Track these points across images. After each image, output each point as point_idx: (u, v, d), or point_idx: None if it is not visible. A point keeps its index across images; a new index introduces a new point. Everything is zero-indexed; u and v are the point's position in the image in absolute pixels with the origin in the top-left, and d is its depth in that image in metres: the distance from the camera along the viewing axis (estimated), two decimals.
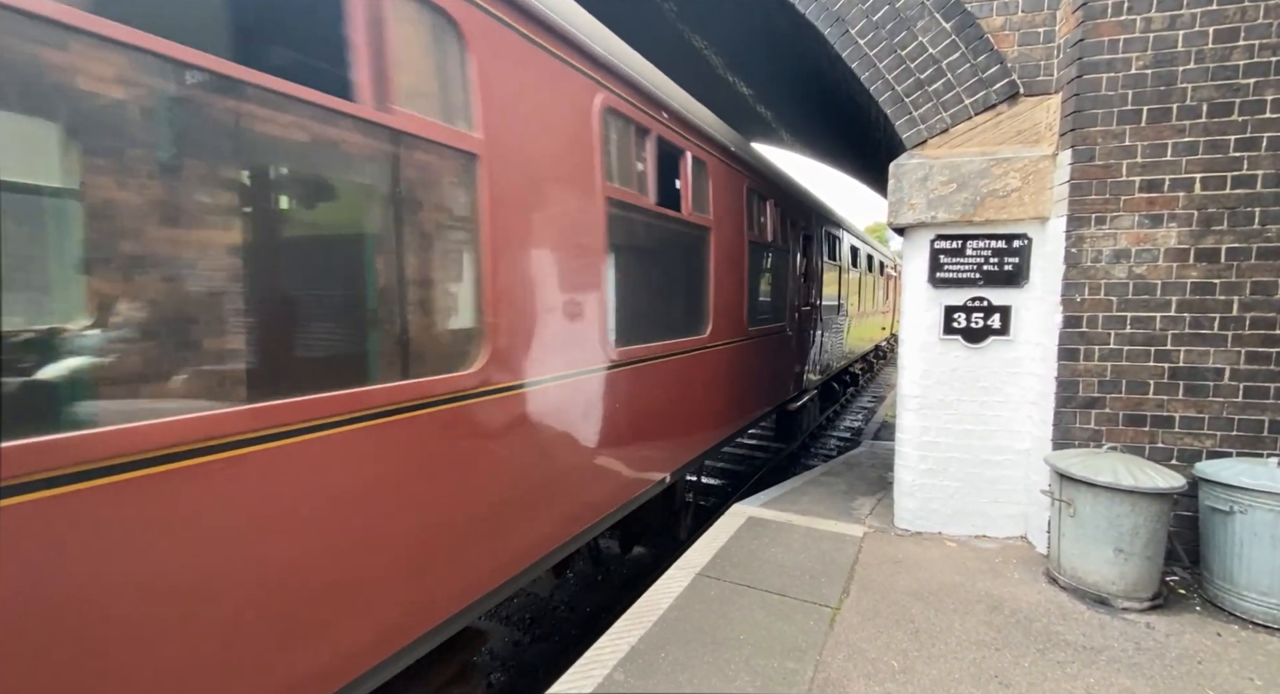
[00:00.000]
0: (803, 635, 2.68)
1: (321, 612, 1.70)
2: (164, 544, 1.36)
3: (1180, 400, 3.23)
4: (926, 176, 3.61)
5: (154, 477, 1.33)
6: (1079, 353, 3.36)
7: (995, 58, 3.49)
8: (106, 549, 1.27)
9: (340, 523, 1.74)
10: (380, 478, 1.86)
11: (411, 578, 1.98)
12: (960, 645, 2.62)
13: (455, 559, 2.15)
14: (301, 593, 1.64)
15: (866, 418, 11.16)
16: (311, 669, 1.68)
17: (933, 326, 3.76)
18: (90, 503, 1.24)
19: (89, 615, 1.25)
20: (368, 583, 1.83)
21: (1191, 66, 3.09)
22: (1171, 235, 3.18)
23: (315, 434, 1.65)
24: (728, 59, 7.47)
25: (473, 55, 2.14)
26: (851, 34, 3.69)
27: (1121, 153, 3.21)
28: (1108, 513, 2.91)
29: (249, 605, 1.53)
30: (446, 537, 2.11)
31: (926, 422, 3.82)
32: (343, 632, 1.76)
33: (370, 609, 1.84)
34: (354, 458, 1.77)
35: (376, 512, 1.85)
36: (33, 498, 1.16)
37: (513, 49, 2.35)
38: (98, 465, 1.24)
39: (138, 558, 1.32)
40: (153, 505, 1.33)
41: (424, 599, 2.03)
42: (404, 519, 1.94)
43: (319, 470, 1.67)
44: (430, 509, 2.04)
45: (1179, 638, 2.68)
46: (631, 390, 3.26)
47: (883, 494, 4.63)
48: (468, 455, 2.20)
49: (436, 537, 2.07)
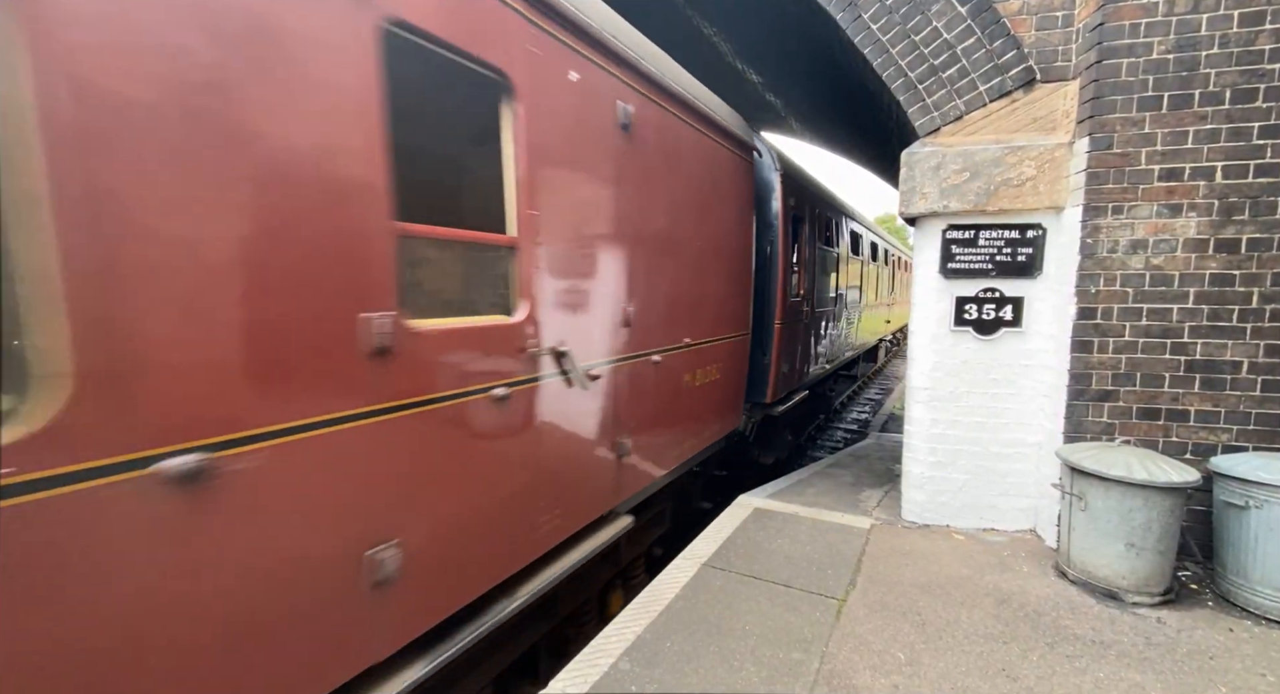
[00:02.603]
0: (809, 627, 2.68)
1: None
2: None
3: (1196, 394, 3.18)
4: (939, 165, 3.55)
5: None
6: (1093, 345, 3.30)
7: (1012, 43, 3.41)
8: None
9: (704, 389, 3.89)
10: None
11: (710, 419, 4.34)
12: (968, 638, 2.60)
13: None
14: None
15: (874, 410, 11.11)
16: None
17: (943, 318, 3.72)
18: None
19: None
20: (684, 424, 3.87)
21: (1215, 51, 3.00)
22: (1191, 225, 3.11)
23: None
24: (736, 46, 7.36)
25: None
26: (864, 19, 3.61)
27: (1141, 140, 3.14)
28: (1120, 507, 2.88)
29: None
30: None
31: (936, 414, 3.78)
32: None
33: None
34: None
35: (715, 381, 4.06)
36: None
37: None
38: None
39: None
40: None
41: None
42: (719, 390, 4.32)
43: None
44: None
45: (1190, 633, 2.65)
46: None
47: (890, 487, 4.61)
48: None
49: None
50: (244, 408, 1.46)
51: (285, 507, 1.57)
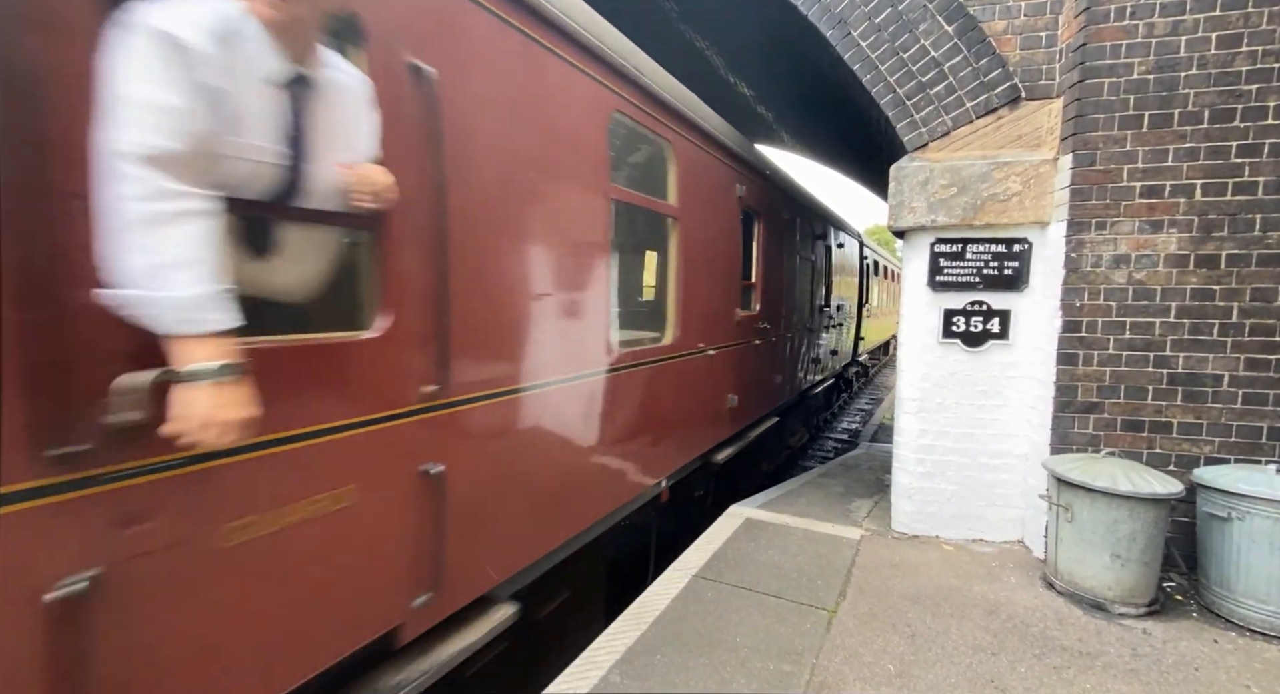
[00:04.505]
0: (799, 638, 2.68)
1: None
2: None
3: (1179, 406, 3.23)
4: (927, 180, 3.60)
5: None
6: (1078, 358, 3.35)
7: (997, 61, 3.49)
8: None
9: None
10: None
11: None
12: (957, 649, 2.61)
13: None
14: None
15: (864, 420, 11.17)
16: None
17: (932, 330, 3.76)
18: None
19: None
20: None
21: (1194, 72, 3.08)
22: (1172, 241, 3.18)
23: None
24: (728, 59, 7.46)
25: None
26: (854, 36, 3.68)
27: (1123, 158, 3.21)
28: (1105, 518, 2.91)
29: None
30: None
31: (925, 424, 3.81)
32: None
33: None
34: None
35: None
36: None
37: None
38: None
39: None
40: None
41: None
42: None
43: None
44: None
45: (1176, 644, 2.68)
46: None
47: (880, 497, 4.63)
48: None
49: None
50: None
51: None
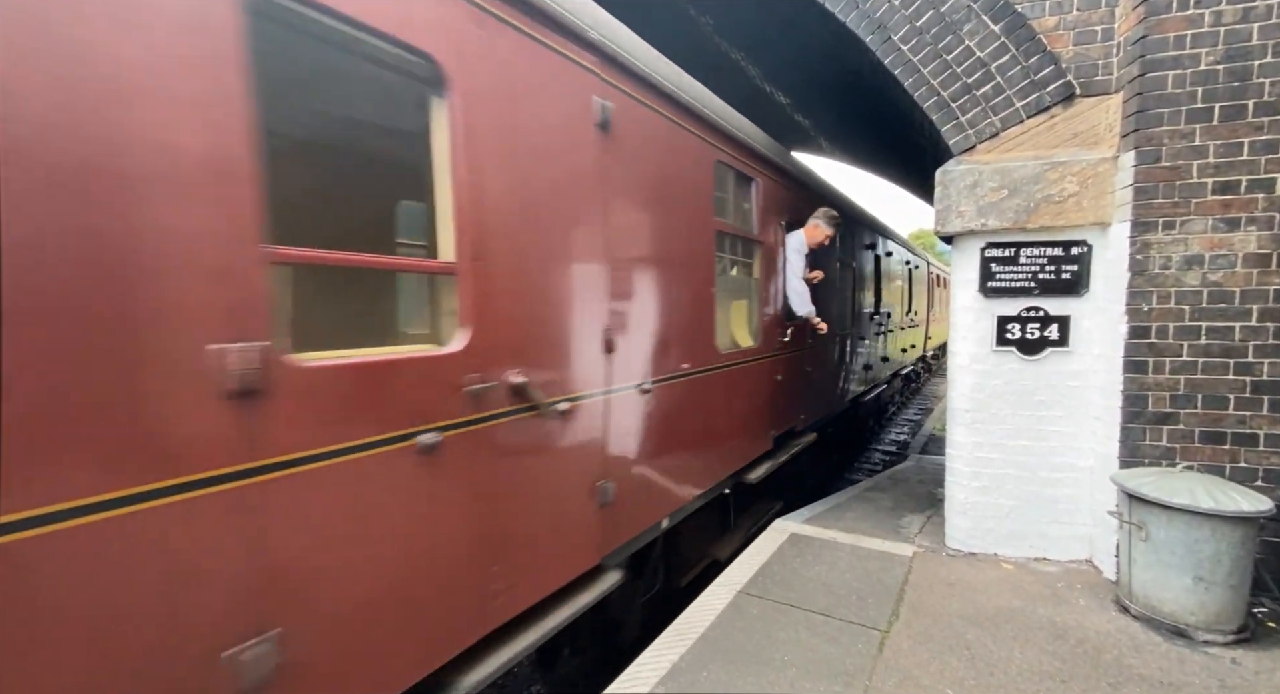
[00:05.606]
0: (850, 658, 2.59)
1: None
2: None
3: (1265, 416, 2.99)
4: (975, 183, 3.49)
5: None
6: (1147, 365, 3.16)
7: (1049, 59, 3.36)
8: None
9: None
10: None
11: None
12: (1021, 675, 2.47)
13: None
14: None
15: (913, 431, 10.79)
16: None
17: (984, 338, 3.61)
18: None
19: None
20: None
21: (1269, 60, 2.89)
22: (1251, 240, 2.97)
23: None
24: (765, 70, 7.44)
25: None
26: (894, 41, 3.62)
27: (1191, 153, 3.03)
28: (1185, 538, 2.71)
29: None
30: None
31: (979, 437, 3.65)
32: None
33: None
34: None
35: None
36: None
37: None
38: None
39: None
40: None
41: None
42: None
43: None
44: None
45: (1271, 675, 2.46)
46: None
47: (932, 512, 4.44)
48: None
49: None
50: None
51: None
